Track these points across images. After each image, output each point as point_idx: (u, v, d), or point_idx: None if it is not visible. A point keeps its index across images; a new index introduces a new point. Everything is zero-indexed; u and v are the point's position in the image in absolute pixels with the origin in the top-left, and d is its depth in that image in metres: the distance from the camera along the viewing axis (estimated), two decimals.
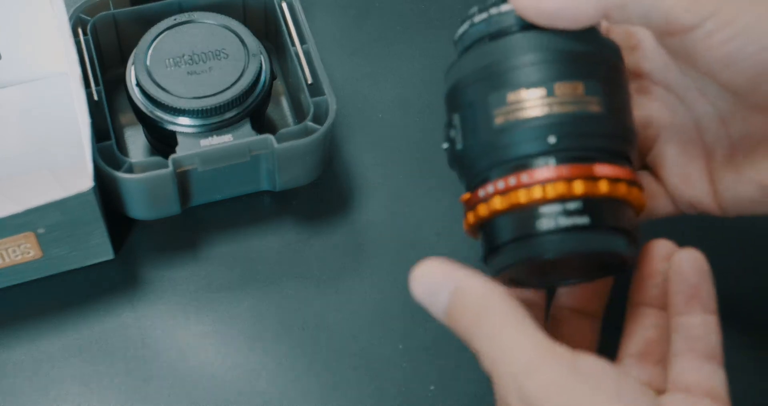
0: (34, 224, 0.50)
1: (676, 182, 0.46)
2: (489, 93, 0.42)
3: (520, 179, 0.41)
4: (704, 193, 0.45)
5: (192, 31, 0.56)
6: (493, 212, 0.42)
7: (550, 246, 0.40)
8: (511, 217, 0.42)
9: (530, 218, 0.41)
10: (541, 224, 0.41)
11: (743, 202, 0.44)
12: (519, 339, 0.38)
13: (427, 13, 0.67)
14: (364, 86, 0.63)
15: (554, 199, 0.40)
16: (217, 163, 0.54)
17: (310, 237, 0.57)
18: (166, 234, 0.57)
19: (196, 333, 0.54)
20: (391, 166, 0.60)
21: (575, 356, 0.38)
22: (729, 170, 0.44)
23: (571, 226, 0.40)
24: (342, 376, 0.53)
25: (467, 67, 0.44)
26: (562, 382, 0.37)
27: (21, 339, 0.54)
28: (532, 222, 0.41)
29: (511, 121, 0.41)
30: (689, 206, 0.46)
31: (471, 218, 0.43)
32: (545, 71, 0.41)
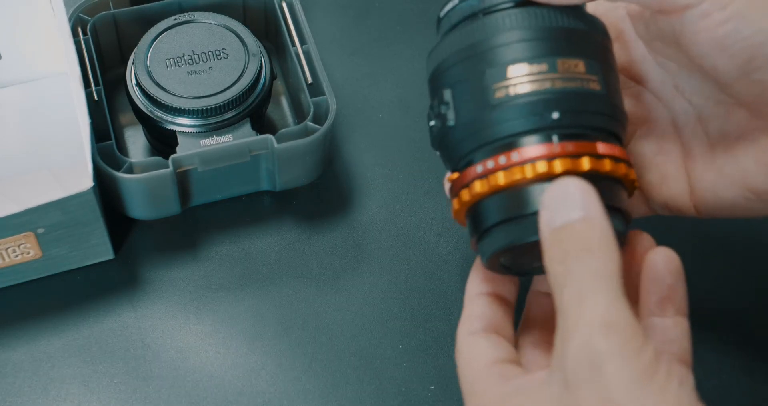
0: (34, 224, 0.50)
1: (651, 181, 0.45)
2: (486, 68, 0.41)
3: (523, 155, 0.40)
4: (680, 193, 0.44)
5: (192, 31, 0.56)
6: (494, 187, 0.40)
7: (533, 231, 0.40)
8: (510, 194, 0.40)
9: (532, 195, 0.40)
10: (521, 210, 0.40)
11: (723, 203, 0.43)
12: (611, 295, 0.35)
13: (427, 13, 0.67)
14: (364, 86, 0.63)
15: (560, 175, 0.39)
16: (217, 163, 0.54)
17: (310, 237, 0.57)
18: (166, 234, 0.57)
19: (196, 333, 0.54)
20: (391, 166, 0.60)
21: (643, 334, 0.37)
22: (709, 170, 0.44)
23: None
24: (342, 376, 0.53)
25: (459, 43, 0.42)
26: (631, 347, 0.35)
27: (21, 339, 0.54)
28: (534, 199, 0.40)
29: (511, 96, 0.40)
30: (663, 206, 0.45)
31: (466, 196, 0.42)
32: (547, 47, 0.41)
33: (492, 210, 0.41)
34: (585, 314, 0.35)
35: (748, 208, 0.43)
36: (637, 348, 0.34)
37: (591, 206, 0.37)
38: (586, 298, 0.35)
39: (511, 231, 0.40)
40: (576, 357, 0.35)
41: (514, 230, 0.40)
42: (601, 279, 0.35)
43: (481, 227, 0.42)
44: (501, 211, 0.41)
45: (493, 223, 0.41)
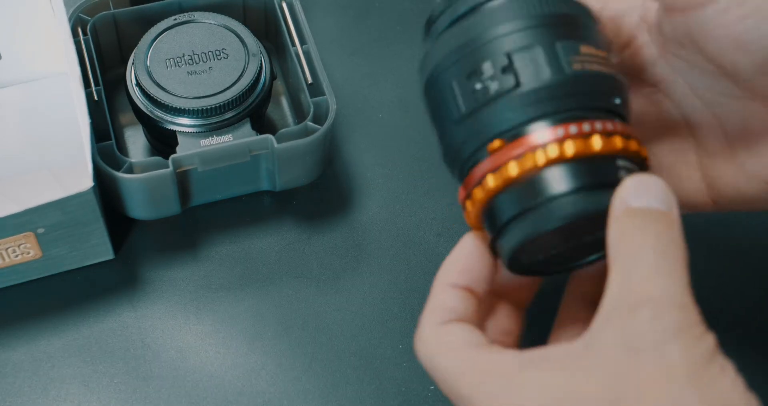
0: (33, 224, 0.50)
1: (665, 180, 0.45)
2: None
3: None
4: (696, 189, 0.44)
5: (192, 31, 0.56)
6: (507, 180, 0.39)
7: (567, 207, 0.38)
8: (525, 184, 0.39)
9: (546, 181, 0.38)
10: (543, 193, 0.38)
11: (745, 197, 0.43)
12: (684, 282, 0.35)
13: (427, 13, 0.67)
14: (364, 86, 0.63)
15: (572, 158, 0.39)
16: (217, 163, 0.54)
17: (310, 237, 0.57)
18: (166, 234, 0.57)
19: (196, 333, 0.54)
20: (391, 166, 0.60)
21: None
22: (729, 164, 0.43)
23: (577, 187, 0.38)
24: (342, 376, 0.53)
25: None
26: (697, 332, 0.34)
27: (21, 339, 0.54)
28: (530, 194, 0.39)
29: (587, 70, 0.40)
30: (680, 204, 0.45)
31: (479, 194, 0.40)
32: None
33: (508, 204, 0.40)
34: (658, 291, 0.35)
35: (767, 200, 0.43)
36: (701, 334, 0.34)
37: (673, 205, 0.37)
38: (661, 276, 0.35)
39: (530, 222, 0.39)
40: (646, 328, 0.34)
41: (532, 219, 0.39)
42: (676, 265, 0.35)
43: (497, 224, 0.40)
44: (518, 203, 0.39)
45: (510, 217, 0.39)
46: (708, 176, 0.44)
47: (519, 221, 0.39)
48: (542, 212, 0.38)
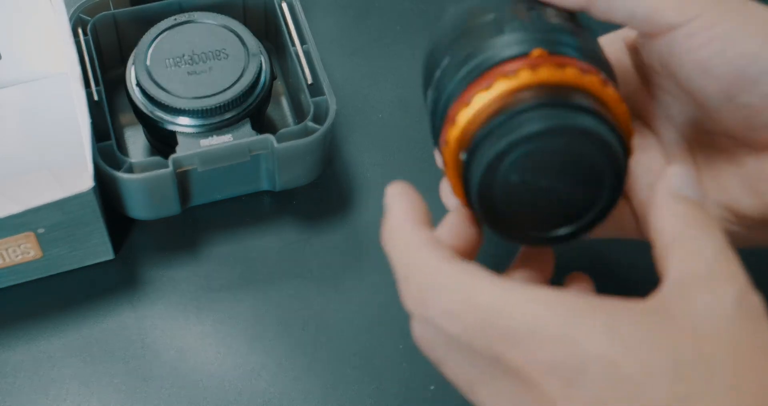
0: (34, 224, 0.50)
1: (643, 211, 0.44)
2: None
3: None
4: None
5: (192, 31, 0.56)
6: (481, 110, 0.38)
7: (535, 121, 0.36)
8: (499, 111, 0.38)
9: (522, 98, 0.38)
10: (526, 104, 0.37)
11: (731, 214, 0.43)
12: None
13: (427, 13, 0.67)
14: (364, 86, 0.63)
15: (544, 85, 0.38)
16: (217, 163, 0.54)
17: (310, 237, 0.58)
18: (166, 234, 0.57)
19: (196, 333, 0.54)
20: (391, 166, 0.60)
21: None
22: (717, 188, 0.44)
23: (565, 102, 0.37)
24: (342, 376, 0.53)
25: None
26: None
27: (21, 339, 0.54)
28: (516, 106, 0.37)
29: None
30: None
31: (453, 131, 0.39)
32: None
33: (478, 132, 0.38)
34: (736, 271, 0.34)
35: (732, 233, 0.42)
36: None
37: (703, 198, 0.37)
38: (733, 260, 0.34)
39: (496, 138, 0.37)
40: (738, 303, 0.33)
41: (498, 135, 0.37)
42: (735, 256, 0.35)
43: (467, 155, 0.39)
44: (486, 126, 0.38)
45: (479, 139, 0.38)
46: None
47: (486, 141, 0.38)
48: (509, 126, 0.37)
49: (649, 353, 0.32)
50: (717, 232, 0.35)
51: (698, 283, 0.34)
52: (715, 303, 0.33)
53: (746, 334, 0.33)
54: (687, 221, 0.36)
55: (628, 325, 0.33)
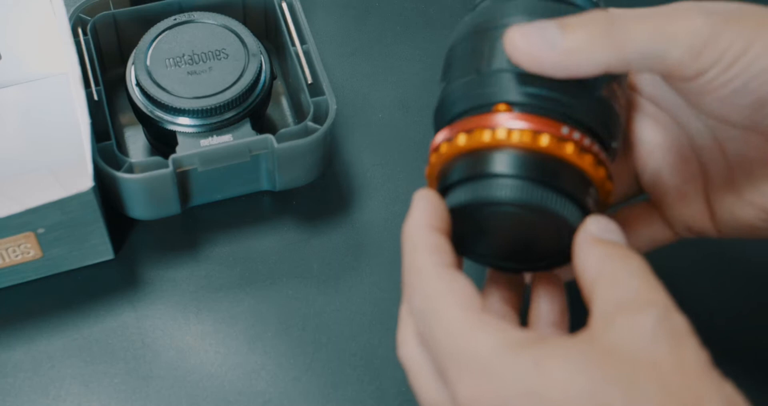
0: (34, 224, 0.50)
1: (672, 202, 0.45)
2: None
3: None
4: (701, 214, 0.44)
5: (192, 31, 0.56)
6: (456, 149, 0.40)
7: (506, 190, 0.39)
8: (471, 157, 0.40)
9: (489, 159, 0.39)
10: (500, 167, 0.39)
11: (742, 226, 0.44)
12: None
13: (427, 13, 0.67)
14: (364, 86, 0.63)
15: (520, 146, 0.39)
16: (217, 163, 0.54)
17: (310, 237, 0.57)
18: (166, 234, 0.57)
19: (196, 333, 0.54)
20: (391, 166, 0.60)
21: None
22: (728, 192, 0.44)
23: (535, 177, 0.39)
24: (342, 376, 0.53)
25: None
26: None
27: (21, 339, 0.54)
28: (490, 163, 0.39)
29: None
30: (686, 228, 0.45)
31: (433, 158, 0.42)
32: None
33: (464, 166, 0.40)
34: (659, 297, 0.35)
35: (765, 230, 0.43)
36: (700, 343, 0.35)
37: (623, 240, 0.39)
38: (656, 289, 0.36)
39: (474, 189, 0.40)
40: (657, 326, 0.35)
41: (477, 187, 0.40)
42: (661, 288, 0.36)
43: (445, 183, 0.41)
44: (473, 168, 0.40)
45: (459, 178, 0.40)
46: (711, 203, 0.44)
47: (474, 181, 0.40)
48: (497, 184, 0.39)
49: (571, 380, 0.34)
50: (637, 263, 0.37)
51: (620, 310, 0.35)
52: (636, 326, 0.35)
53: (666, 353, 0.34)
54: (606, 258, 0.37)
55: (554, 357, 0.34)
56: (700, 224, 0.45)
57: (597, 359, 0.34)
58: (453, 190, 0.41)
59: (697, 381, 0.34)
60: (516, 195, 0.39)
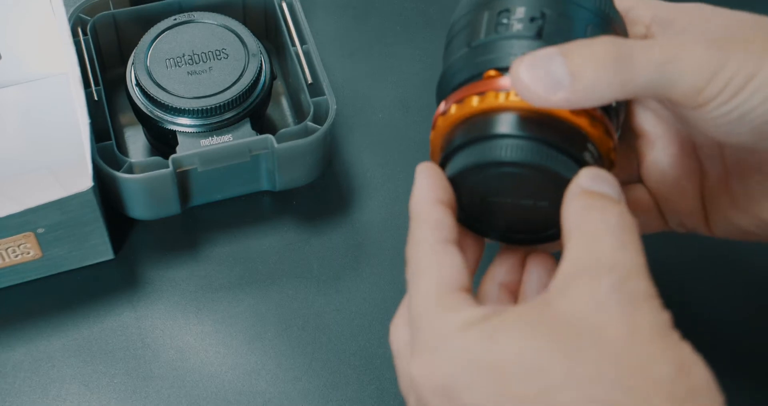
0: (34, 224, 0.50)
1: (668, 196, 0.45)
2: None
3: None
4: (695, 212, 0.45)
5: (192, 31, 0.56)
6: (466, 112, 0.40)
7: (494, 150, 0.39)
8: (462, 125, 0.40)
9: (497, 121, 0.39)
10: (507, 128, 0.39)
11: (735, 229, 0.44)
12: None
13: (427, 13, 0.67)
14: (364, 86, 0.63)
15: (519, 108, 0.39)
16: (217, 163, 0.54)
17: (310, 237, 0.57)
18: (166, 234, 0.57)
19: (196, 333, 0.54)
20: (391, 166, 0.60)
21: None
22: (723, 194, 0.44)
23: (525, 135, 0.39)
24: (342, 376, 0.53)
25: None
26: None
27: (21, 339, 0.54)
28: (498, 125, 0.39)
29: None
30: (679, 223, 0.45)
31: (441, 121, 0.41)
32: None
33: (470, 129, 0.40)
34: (624, 260, 0.36)
35: (760, 235, 0.43)
36: (662, 306, 0.35)
37: (624, 200, 0.38)
38: (625, 249, 0.36)
39: (476, 151, 0.39)
40: (612, 291, 0.35)
41: (479, 149, 0.39)
42: (636, 243, 0.36)
43: (450, 146, 0.41)
44: (478, 129, 0.40)
45: (464, 141, 0.40)
46: (705, 203, 0.45)
47: (471, 146, 0.40)
48: (490, 145, 0.39)
49: (517, 349, 0.34)
50: (615, 218, 0.36)
51: (579, 274, 0.36)
52: (589, 293, 0.35)
53: (615, 318, 0.34)
54: (585, 210, 0.37)
55: (504, 330, 0.35)
56: (693, 222, 0.45)
57: (545, 326, 0.35)
58: (450, 160, 0.41)
59: (645, 345, 0.34)
60: (503, 153, 0.39)
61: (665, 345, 0.34)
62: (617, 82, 0.38)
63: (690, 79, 0.38)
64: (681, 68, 0.38)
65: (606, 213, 0.37)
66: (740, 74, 0.37)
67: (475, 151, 0.39)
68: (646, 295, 0.35)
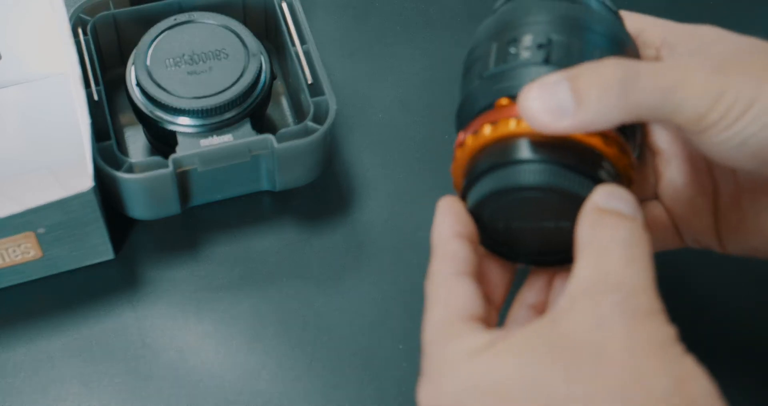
0: (34, 224, 0.50)
1: (683, 214, 0.46)
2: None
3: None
4: (709, 230, 0.45)
5: (192, 31, 0.56)
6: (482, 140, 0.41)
7: (530, 174, 0.39)
8: (479, 155, 0.41)
9: (512, 148, 0.40)
10: (522, 154, 0.40)
11: (745, 247, 0.44)
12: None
13: (427, 13, 0.67)
14: (364, 86, 0.63)
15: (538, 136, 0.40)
16: (217, 163, 0.54)
17: (310, 237, 0.57)
18: (166, 234, 0.57)
19: (196, 333, 0.54)
20: (391, 166, 0.60)
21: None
22: (734, 212, 0.44)
23: (557, 160, 0.39)
24: (342, 376, 0.53)
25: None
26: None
27: (21, 339, 0.54)
28: (513, 152, 0.40)
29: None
30: (694, 240, 0.46)
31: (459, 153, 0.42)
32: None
33: (489, 156, 0.41)
34: (629, 278, 0.36)
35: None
36: (667, 321, 0.35)
37: (640, 215, 0.38)
38: (631, 267, 0.36)
39: (498, 177, 0.40)
40: (616, 309, 0.35)
41: (500, 175, 0.40)
42: (645, 259, 0.37)
43: (473, 174, 0.42)
44: (497, 157, 0.41)
45: (485, 168, 0.41)
46: (718, 221, 0.45)
47: (489, 174, 0.40)
48: (506, 173, 0.40)
49: (520, 371, 0.35)
50: (625, 232, 0.37)
51: (585, 292, 0.36)
52: (593, 312, 0.35)
53: (617, 335, 0.35)
54: (595, 231, 0.37)
55: (507, 353, 0.36)
56: (707, 239, 0.46)
57: (547, 346, 0.35)
58: (470, 190, 0.42)
59: (644, 360, 0.34)
60: (519, 179, 0.39)
61: (665, 359, 0.34)
62: (622, 107, 0.38)
63: (692, 105, 0.38)
64: (684, 94, 0.38)
65: (616, 229, 0.37)
66: (740, 100, 0.38)
67: (492, 180, 0.40)
68: (649, 310, 0.35)
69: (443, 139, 0.61)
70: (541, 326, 0.36)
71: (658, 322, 0.35)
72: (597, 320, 0.35)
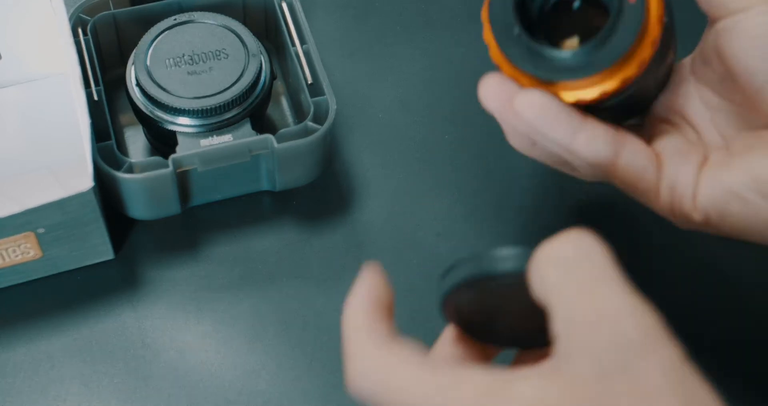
0: (34, 224, 0.50)
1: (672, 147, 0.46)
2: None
3: None
4: (688, 178, 0.45)
5: (192, 31, 0.56)
6: None
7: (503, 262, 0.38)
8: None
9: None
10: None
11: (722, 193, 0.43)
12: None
13: (427, 13, 0.67)
14: (364, 86, 0.63)
15: None
16: (217, 163, 0.54)
17: (310, 237, 0.57)
18: (166, 234, 0.57)
19: (196, 333, 0.54)
20: (391, 166, 0.60)
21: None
22: (722, 156, 0.45)
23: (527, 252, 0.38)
24: (342, 376, 0.53)
25: None
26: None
27: (21, 339, 0.54)
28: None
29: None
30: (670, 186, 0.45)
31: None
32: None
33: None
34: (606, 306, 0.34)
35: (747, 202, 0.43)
36: (664, 341, 0.34)
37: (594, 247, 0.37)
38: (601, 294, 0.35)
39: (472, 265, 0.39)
40: (609, 348, 0.34)
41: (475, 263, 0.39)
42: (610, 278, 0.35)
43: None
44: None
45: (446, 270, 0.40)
46: (701, 169, 0.45)
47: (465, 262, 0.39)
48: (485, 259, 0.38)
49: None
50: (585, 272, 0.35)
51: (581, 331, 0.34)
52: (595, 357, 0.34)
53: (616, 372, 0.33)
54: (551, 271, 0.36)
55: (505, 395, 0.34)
56: (683, 188, 0.45)
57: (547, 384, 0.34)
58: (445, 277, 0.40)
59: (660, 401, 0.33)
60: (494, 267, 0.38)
61: (679, 394, 0.33)
62: None
63: None
64: None
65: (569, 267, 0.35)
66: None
67: (467, 267, 0.39)
68: (641, 341, 0.34)
69: (443, 139, 0.61)
70: (545, 371, 0.35)
71: (657, 348, 0.34)
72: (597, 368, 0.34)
